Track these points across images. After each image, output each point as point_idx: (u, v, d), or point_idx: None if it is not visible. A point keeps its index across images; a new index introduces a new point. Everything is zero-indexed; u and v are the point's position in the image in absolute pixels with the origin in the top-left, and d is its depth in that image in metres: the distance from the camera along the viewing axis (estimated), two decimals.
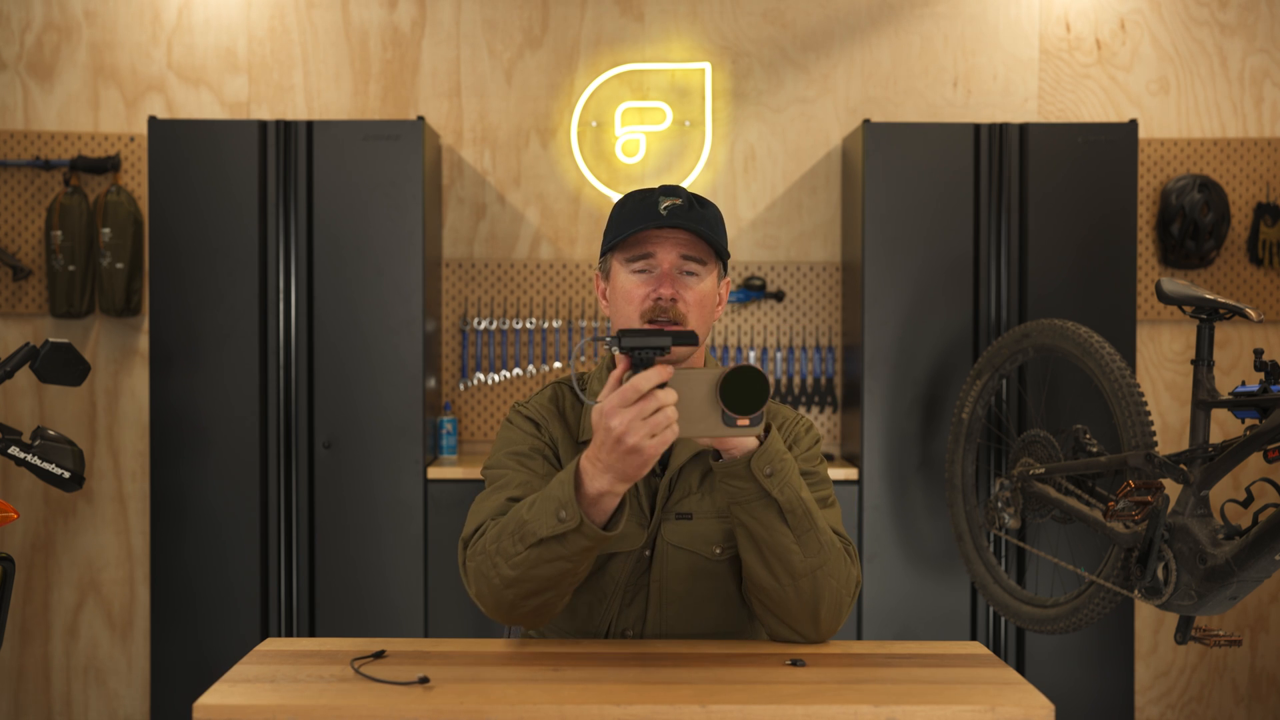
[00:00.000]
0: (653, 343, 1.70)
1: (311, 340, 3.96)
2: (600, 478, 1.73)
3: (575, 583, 1.85)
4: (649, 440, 1.67)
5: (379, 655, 1.82)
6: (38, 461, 2.69)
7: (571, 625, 2.04)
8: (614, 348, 1.72)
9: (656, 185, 2.01)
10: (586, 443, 2.03)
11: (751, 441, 1.78)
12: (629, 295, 1.94)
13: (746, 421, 1.70)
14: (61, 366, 2.81)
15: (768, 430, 1.82)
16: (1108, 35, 4.43)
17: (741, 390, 1.70)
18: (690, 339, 1.73)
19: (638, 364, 1.69)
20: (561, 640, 1.98)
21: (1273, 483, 2.66)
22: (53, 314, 4.28)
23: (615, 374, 1.71)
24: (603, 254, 2.01)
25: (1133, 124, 4.02)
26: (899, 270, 3.98)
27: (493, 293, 4.42)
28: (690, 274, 1.94)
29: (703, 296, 1.95)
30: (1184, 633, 2.85)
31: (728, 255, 1.98)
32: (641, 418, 1.66)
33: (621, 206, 1.99)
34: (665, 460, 2.02)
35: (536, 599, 1.84)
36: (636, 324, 1.93)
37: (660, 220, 1.91)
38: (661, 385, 1.67)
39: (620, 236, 1.94)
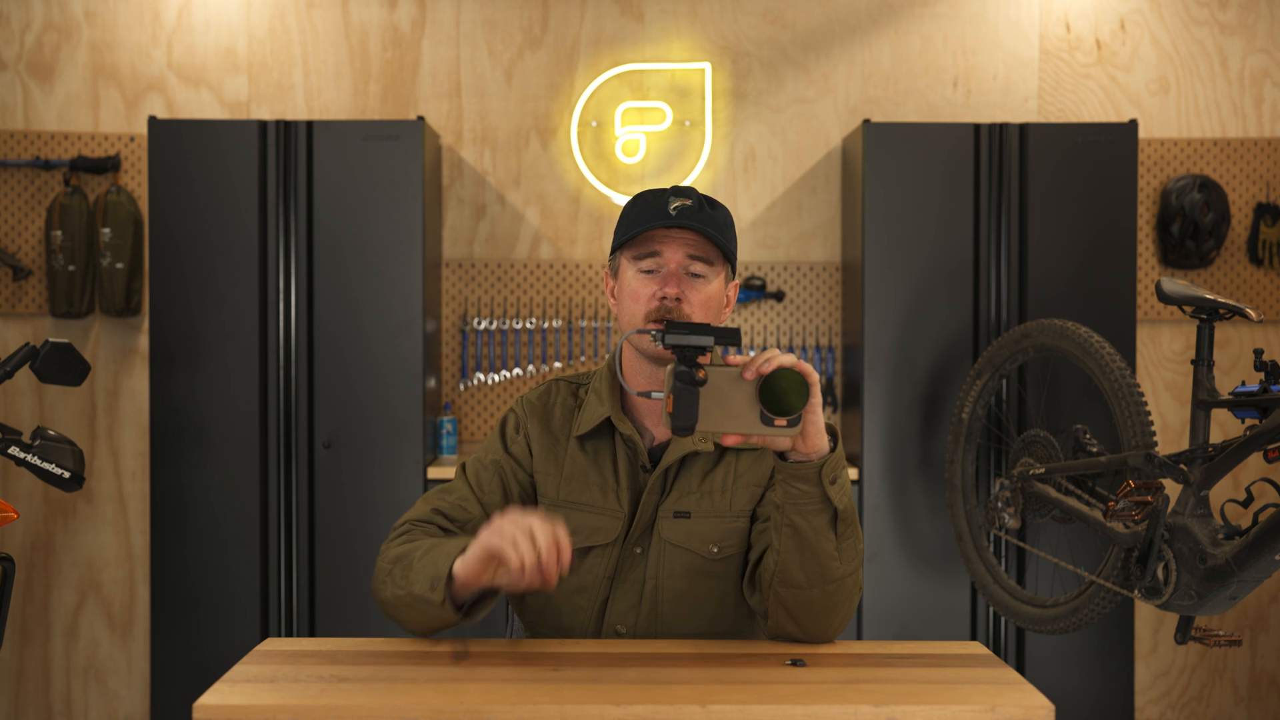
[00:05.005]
0: (695, 340, 1.69)
1: (311, 340, 3.96)
2: (459, 563, 1.81)
3: (448, 627, 1.92)
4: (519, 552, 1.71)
5: None
6: (38, 461, 2.69)
7: (558, 622, 2.05)
8: (658, 342, 1.71)
9: (658, 186, 2.03)
10: (578, 439, 2.05)
11: (786, 441, 1.76)
12: (635, 294, 1.96)
13: (784, 423, 1.69)
14: (61, 366, 2.81)
15: (834, 436, 1.82)
16: (1108, 35, 4.43)
17: (782, 391, 1.68)
18: (733, 338, 1.72)
19: (681, 360, 1.68)
20: (561, 640, 1.99)
21: (1273, 483, 2.66)
22: (53, 314, 4.28)
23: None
24: (612, 252, 2.02)
25: (1133, 124, 4.02)
26: (899, 270, 3.98)
27: (493, 293, 4.42)
28: (697, 275, 1.95)
29: (709, 298, 1.96)
30: (1184, 633, 2.85)
31: (735, 258, 1.99)
32: (532, 541, 1.72)
33: (632, 205, 2.00)
34: (655, 456, 2.02)
35: (411, 625, 1.93)
36: (641, 323, 1.94)
37: (669, 220, 1.92)
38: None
39: (628, 235, 1.95)
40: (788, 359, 1.69)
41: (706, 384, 1.67)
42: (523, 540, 1.71)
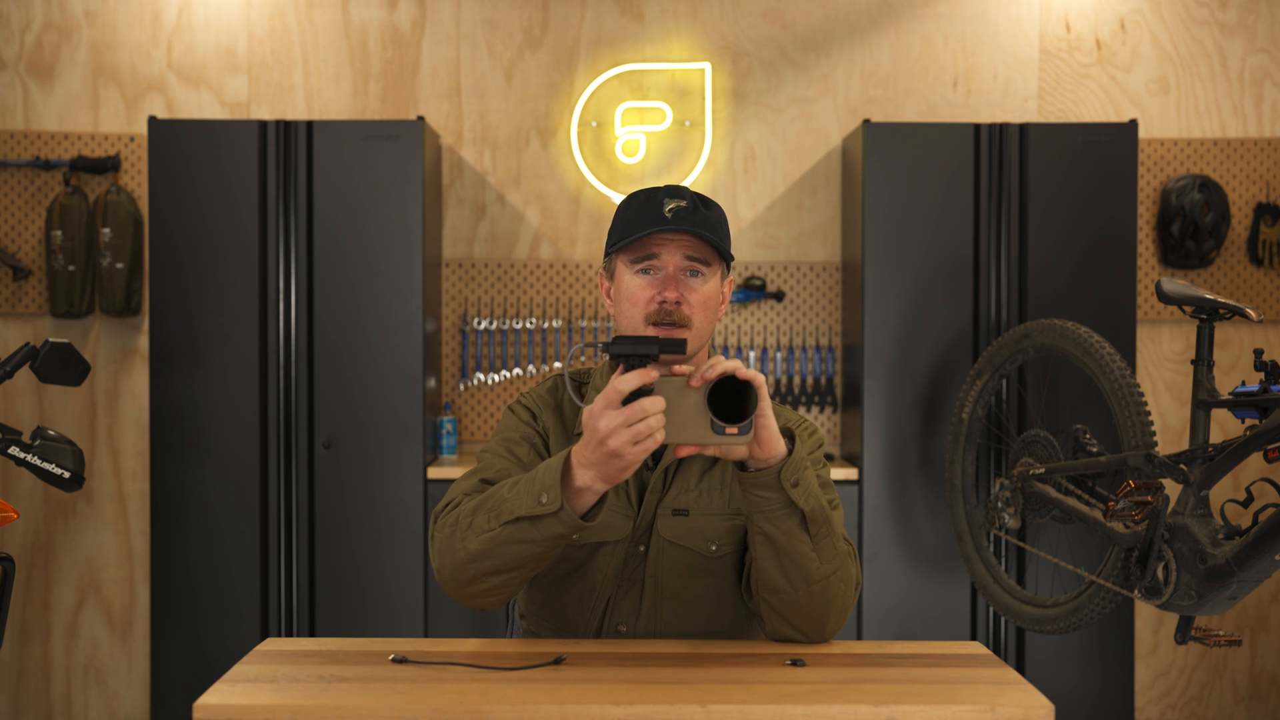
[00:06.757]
0: (641, 350, 1.71)
1: (311, 340, 3.96)
2: (584, 473, 1.74)
3: (535, 570, 1.86)
4: (631, 447, 1.69)
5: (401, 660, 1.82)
6: (38, 461, 2.69)
7: (562, 619, 2.05)
8: (606, 354, 1.73)
9: (657, 186, 2.01)
10: (580, 435, 2.04)
11: (742, 449, 1.77)
12: (634, 298, 1.95)
13: (735, 430, 1.70)
14: (61, 366, 2.81)
15: (791, 439, 1.82)
16: (1108, 35, 4.43)
17: (730, 399, 1.70)
18: (679, 347, 1.73)
19: (629, 370, 1.70)
20: (561, 640, 1.99)
21: (1273, 483, 2.66)
22: (53, 314, 4.28)
23: (613, 377, 1.73)
24: (607, 254, 2.02)
25: (1133, 124, 4.02)
26: (899, 270, 3.98)
27: (493, 293, 4.42)
28: (695, 275, 1.95)
29: (706, 298, 1.96)
30: (1184, 633, 2.85)
31: (731, 257, 1.99)
32: (626, 424, 1.68)
33: (626, 207, 1.99)
34: (657, 453, 2.02)
35: (495, 578, 1.84)
36: (641, 325, 1.94)
37: (665, 223, 1.91)
38: (648, 389, 1.68)
39: (625, 240, 1.95)
40: (734, 365, 1.70)
41: (654, 394, 1.69)
42: (627, 441, 1.68)
